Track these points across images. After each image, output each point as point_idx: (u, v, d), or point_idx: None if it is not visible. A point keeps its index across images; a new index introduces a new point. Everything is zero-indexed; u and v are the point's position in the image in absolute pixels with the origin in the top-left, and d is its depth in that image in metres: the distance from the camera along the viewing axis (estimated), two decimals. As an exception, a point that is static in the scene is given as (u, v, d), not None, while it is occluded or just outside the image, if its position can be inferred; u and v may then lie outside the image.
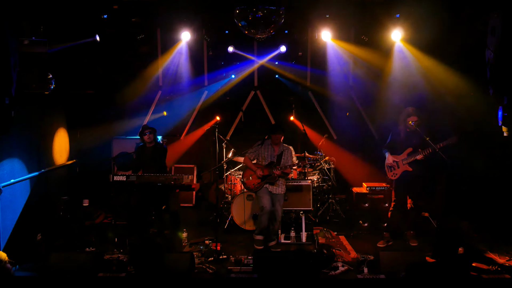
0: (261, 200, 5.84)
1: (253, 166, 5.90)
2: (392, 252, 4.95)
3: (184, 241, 5.95)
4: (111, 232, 6.20)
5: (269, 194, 5.86)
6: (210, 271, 5.02)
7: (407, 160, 5.79)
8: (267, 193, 5.85)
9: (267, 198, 5.83)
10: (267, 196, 5.84)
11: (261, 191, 5.87)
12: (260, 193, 5.88)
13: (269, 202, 5.82)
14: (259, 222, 5.83)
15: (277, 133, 5.84)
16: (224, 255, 5.42)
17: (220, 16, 7.35)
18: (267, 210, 5.77)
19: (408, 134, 5.81)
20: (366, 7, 6.77)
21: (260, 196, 5.88)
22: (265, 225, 5.80)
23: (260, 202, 5.87)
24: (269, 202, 5.81)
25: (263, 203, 5.81)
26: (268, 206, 5.78)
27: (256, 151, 5.97)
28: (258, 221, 5.87)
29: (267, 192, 5.86)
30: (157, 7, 6.88)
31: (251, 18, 5.81)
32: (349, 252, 5.72)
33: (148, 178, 5.79)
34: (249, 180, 5.93)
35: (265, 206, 5.78)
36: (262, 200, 5.83)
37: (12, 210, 5.68)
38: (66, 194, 6.84)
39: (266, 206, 5.77)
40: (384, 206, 6.54)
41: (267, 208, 5.77)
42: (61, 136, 7.40)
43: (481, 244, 5.72)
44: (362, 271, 4.88)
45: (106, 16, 6.82)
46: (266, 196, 5.83)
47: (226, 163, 7.31)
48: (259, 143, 5.96)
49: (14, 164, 5.77)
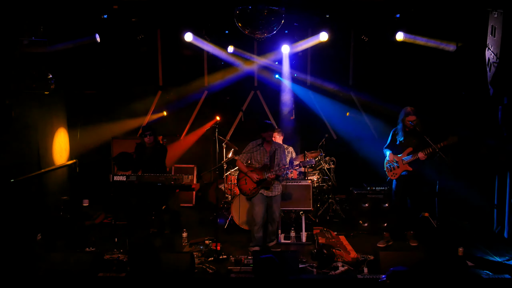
0: (254, 208, 5.66)
1: (247, 170, 5.67)
2: (392, 252, 4.97)
3: (184, 241, 5.94)
4: (111, 232, 6.20)
5: (263, 202, 5.67)
6: (210, 271, 5.02)
7: (407, 160, 5.78)
8: (261, 201, 5.66)
9: (260, 207, 5.64)
10: (261, 204, 5.65)
11: (255, 199, 5.66)
12: (255, 201, 5.67)
13: (261, 211, 5.64)
14: (253, 234, 5.70)
15: (266, 130, 5.58)
16: (224, 255, 5.42)
17: (220, 16, 7.34)
18: (259, 220, 5.63)
19: (408, 134, 5.81)
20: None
21: (254, 204, 5.69)
22: (260, 235, 5.70)
23: (252, 212, 5.70)
24: (261, 211, 5.63)
25: (255, 212, 5.63)
26: (260, 216, 5.61)
27: (248, 154, 5.74)
28: (252, 233, 5.72)
29: (261, 200, 5.66)
30: (157, 7, 6.88)
31: (251, 18, 5.82)
32: (349, 252, 5.71)
33: (148, 178, 5.79)
34: (245, 186, 5.74)
35: (256, 217, 5.61)
36: (255, 208, 5.65)
37: (12, 210, 5.67)
38: (66, 194, 6.85)
39: (258, 216, 5.60)
40: (384, 206, 6.54)
41: (259, 218, 5.62)
42: (61, 136, 7.41)
43: (481, 244, 5.73)
44: (362, 271, 4.88)
45: (106, 16, 6.81)
46: (260, 205, 5.65)
47: (226, 163, 7.31)
48: (252, 146, 5.72)
49: (14, 164, 5.77)
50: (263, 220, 5.73)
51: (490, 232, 6.19)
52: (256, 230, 5.68)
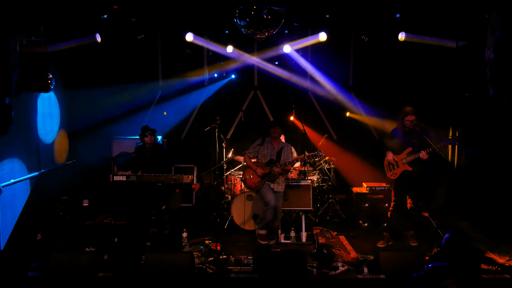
0: (265, 195, 5.81)
1: (253, 165, 5.89)
2: (392, 252, 4.95)
3: (184, 241, 5.95)
4: (111, 232, 6.20)
5: (272, 191, 5.85)
6: (210, 271, 5.02)
7: (406, 160, 5.78)
8: (270, 190, 5.85)
9: (271, 193, 5.81)
10: (271, 192, 5.83)
11: (263, 188, 5.85)
12: (263, 190, 5.85)
13: (273, 197, 5.80)
14: (264, 217, 5.80)
15: (274, 126, 5.85)
16: (224, 255, 5.42)
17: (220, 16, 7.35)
18: (272, 205, 5.75)
19: (407, 134, 5.80)
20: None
21: (263, 192, 5.84)
22: (270, 218, 5.79)
23: (264, 198, 5.83)
24: (273, 197, 5.80)
25: (268, 198, 5.78)
26: (273, 201, 5.76)
27: (256, 150, 5.96)
28: (263, 215, 5.82)
29: (269, 189, 5.85)
30: (157, 7, 6.88)
31: (251, 18, 5.81)
32: (349, 252, 5.71)
33: (148, 178, 5.79)
34: (250, 179, 5.91)
35: (270, 201, 5.75)
36: (266, 195, 5.80)
37: (12, 210, 5.68)
38: (66, 194, 6.84)
39: (271, 201, 5.75)
40: (384, 206, 6.54)
41: (272, 203, 5.75)
42: (61, 136, 7.40)
43: (481, 244, 5.72)
44: (362, 271, 4.88)
45: (106, 16, 6.81)
46: (269, 192, 5.82)
47: (226, 163, 7.31)
48: (259, 143, 5.95)
49: (14, 164, 5.77)
50: (275, 204, 5.81)
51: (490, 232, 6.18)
52: (268, 214, 5.74)
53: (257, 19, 5.84)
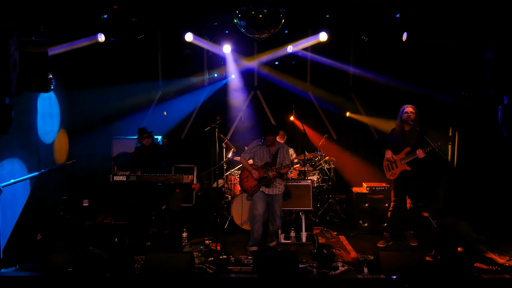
0: (255, 205, 5.72)
1: (249, 167, 5.79)
2: (392, 252, 4.95)
3: (184, 241, 5.95)
4: (111, 232, 6.20)
5: (264, 200, 5.73)
6: (210, 271, 5.02)
7: (405, 160, 5.78)
8: (262, 199, 5.73)
9: (261, 204, 5.71)
10: (262, 202, 5.72)
11: (256, 195, 5.74)
12: (256, 198, 5.75)
13: (262, 208, 5.70)
14: (252, 232, 5.71)
15: (268, 134, 5.66)
16: (224, 255, 5.42)
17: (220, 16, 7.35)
18: (260, 218, 5.67)
19: (406, 134, 5.81)
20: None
21: (254, 201, 5.75)
22: (259, 233, 5.71)
23: (254, 208, 5.75)
24: (262, 208, 5.70)
25: (256, 209, 5.68)
26: (260, 213, 5.67)
27: (252, 152, 5.84)
28: (252, 230, 5.74)
29: (262, 198, 5.73)
30: (157, 7, 6.88)
31: (251, 18, 5.81)
32: (349, 252, 5.72)
33: (148, 178, 5.79)
34: (246, 183, 5.83)
35: (257, 214, 5.66)
36: (256, 205, 5.71)
37: (12, 210, 5.67)
38: (66, 194, 6.85)
39: (259, 213, 5.66)
40: (384, 206, 6.54)
41: (259, 215, 5.66)
42: (61, 136, 7.40)
43: (481, 244, 5.72)
44: (362, 271, 4.88)
45: (106, 16, 6.81)
46: (260, 202, 5.71)
47: (226, 163, 7.31)
48: (256, 144, 5.82)
49: (14, 164, 5.77)
50: (264, 218, 5.75)
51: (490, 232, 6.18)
52: (256, 228, 5.69)
53: (257, 19, 5.83)
